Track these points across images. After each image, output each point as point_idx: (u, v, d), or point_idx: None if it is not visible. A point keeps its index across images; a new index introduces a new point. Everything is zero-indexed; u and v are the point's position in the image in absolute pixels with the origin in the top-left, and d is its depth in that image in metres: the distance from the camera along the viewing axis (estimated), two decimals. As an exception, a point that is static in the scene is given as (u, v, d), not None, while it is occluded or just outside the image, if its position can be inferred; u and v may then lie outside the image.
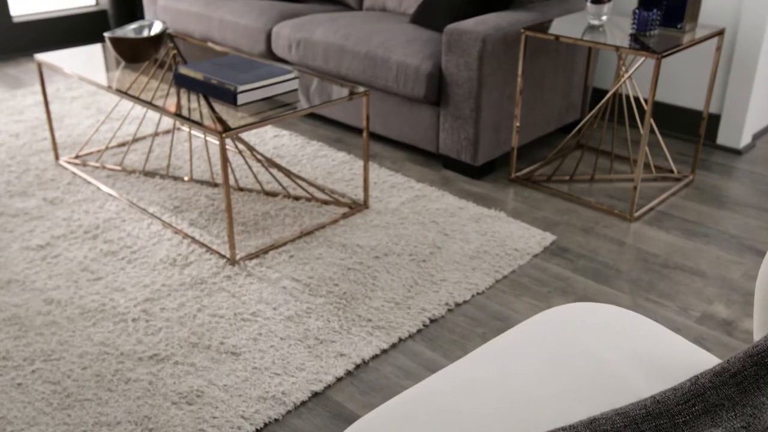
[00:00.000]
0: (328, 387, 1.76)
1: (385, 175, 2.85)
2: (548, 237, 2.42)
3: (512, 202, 2.68)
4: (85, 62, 2.78)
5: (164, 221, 2.48)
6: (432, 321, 2.01)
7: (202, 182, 2.79)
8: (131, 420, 1.63)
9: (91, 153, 3.06)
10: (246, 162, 2.61)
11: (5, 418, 1.64)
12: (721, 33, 2.62)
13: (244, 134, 3.25)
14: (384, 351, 1.89)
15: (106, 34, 2.65)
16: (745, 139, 3.14)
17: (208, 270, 2.21)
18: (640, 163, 2.47)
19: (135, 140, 3.19)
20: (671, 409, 0.86)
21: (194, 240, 2.36)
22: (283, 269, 2.22)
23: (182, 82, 2.45)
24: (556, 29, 2.59)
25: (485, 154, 2.81)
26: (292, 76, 2.42)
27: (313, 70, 3.22)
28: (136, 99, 2.36)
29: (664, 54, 2.32)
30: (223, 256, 2.27)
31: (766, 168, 2.99)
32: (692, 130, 3.25)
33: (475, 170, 2.85)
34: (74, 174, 2.85)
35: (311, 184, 2.64)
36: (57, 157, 2.95)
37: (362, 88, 2.46)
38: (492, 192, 2.76)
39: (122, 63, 2.77)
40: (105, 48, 2.99)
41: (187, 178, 2.81)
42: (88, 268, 2.22)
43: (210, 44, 3.01)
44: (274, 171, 2.88)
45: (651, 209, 2.64)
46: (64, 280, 2.16)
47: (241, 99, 2.30)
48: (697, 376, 0.90)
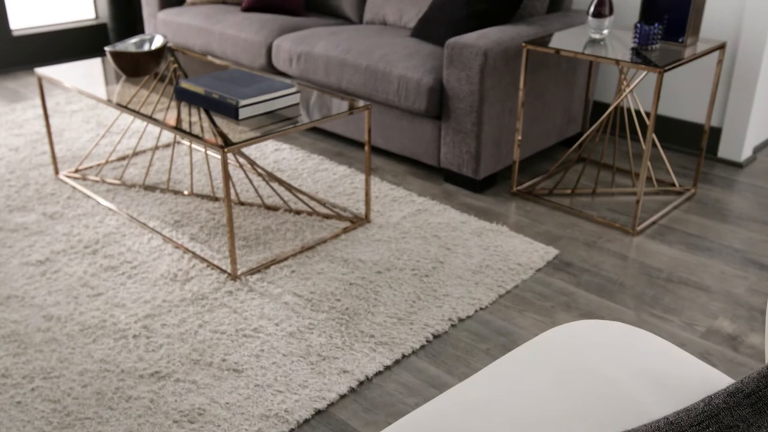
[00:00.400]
0: (331, 404, 1.74)
1: (386, 189, 2.84)
2: (551, 251, 2.41)
3: (514, 216, 2.67)
4: (85, 76, 2.77)
5: (165, 236, 2.46)
6: (435, 337, 1.99)
7: (203, 196, 2.77)
8: (132, 439, 1.62)
9: (91, 167, 3.05)
10: (247, 176, 2.60)
11: (4, 437, 1.62)
12: (722, 47, 2.62)
13: (244, 148, 3.24)
14: (387, 367, 1.87)
15: (106, 48, 2.65)
16: (746, 152, 3.14)
17: (209, 285, 2.20)
18: (643, 177, 2.46)
19: (135, 154, 3.18)
20: (685, 431, 0.85)
21: (195, 255, 2.34)
22: (284, 284, 2.21)
23: (183, 97, 2.45)
24: (557, 43, 2.59)
25: (487, 168, 2.80)
26: (293, 90, 2.42)
27: (314, 83, 3.21)
28: (137, 113, 2.35)
29: (666, 68, 2.31)
30: (224, 271, 2.26)
31: (767, 181, 2.99)
32: (694, 143, 3.24)
33: (477, 184, 2.84)
34: (74, 188, 2.84)
35: (312, 198, 2.63)
36: (57, 172, 2.94)
37: (363, 102, 2.45)
38: (494, 206, 2.75)
39: (123, 77, 2.77)
40: (105, 62, 2.98)
41: (187, 192, 2.80)
42: (88, 284, 2.20)
43: (210, 58, 3.01)
44: (275, 185, 2.87)
45: (653, 223, 2.62)
46: (64, 295, 2.14)
47: (243, 113, 2.29)
48: (711, 397, 0.89)
